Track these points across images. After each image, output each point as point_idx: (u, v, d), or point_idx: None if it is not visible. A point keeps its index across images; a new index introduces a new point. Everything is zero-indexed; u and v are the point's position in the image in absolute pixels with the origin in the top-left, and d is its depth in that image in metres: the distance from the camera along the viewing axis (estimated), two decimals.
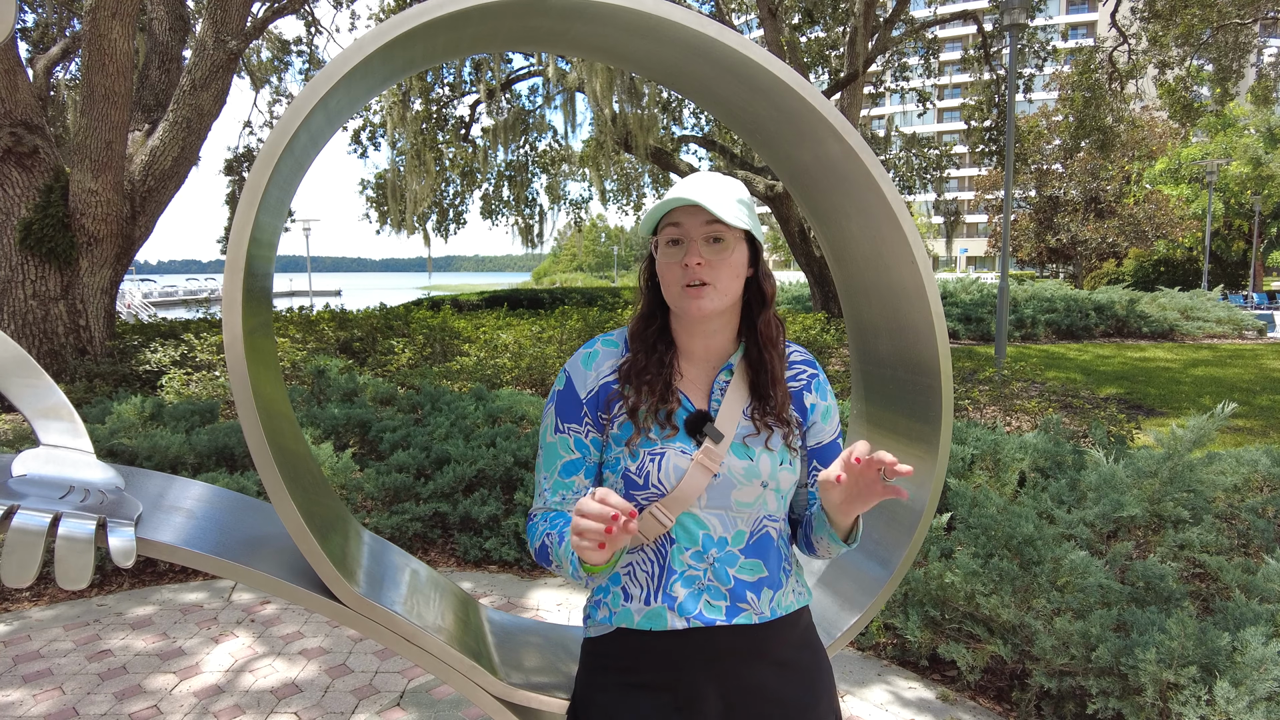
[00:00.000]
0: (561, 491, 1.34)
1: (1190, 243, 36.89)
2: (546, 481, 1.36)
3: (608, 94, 16.22)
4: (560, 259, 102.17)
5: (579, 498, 1.32)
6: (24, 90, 8.20)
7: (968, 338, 17.50)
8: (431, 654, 1.50)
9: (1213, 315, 18.36)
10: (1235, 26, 16.42)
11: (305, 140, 1.44)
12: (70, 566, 1.26)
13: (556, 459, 1.35)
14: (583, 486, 1.34)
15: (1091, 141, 21.30)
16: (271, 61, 17.49)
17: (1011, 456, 4.49)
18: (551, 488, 1.35)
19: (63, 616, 3.89)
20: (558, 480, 1.34)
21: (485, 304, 23.74)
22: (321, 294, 51.77)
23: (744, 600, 1.31)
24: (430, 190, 19.37)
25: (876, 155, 1.64)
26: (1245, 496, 4.05)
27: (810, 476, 1.45)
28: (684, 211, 1.28)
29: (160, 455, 4.85)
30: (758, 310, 1.36)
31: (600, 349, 1.39)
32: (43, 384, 1.48)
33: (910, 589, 3.39)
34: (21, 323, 8.31)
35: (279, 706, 3.10)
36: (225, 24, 8.94)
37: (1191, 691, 2.52)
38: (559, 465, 1.35)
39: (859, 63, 15.84)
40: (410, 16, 1.35)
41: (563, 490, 1.34)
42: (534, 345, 10.06)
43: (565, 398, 1.36)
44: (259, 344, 1.48)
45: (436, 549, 4.71)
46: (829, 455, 1.43)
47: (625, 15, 1.50)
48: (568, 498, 1.33)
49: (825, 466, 1.42)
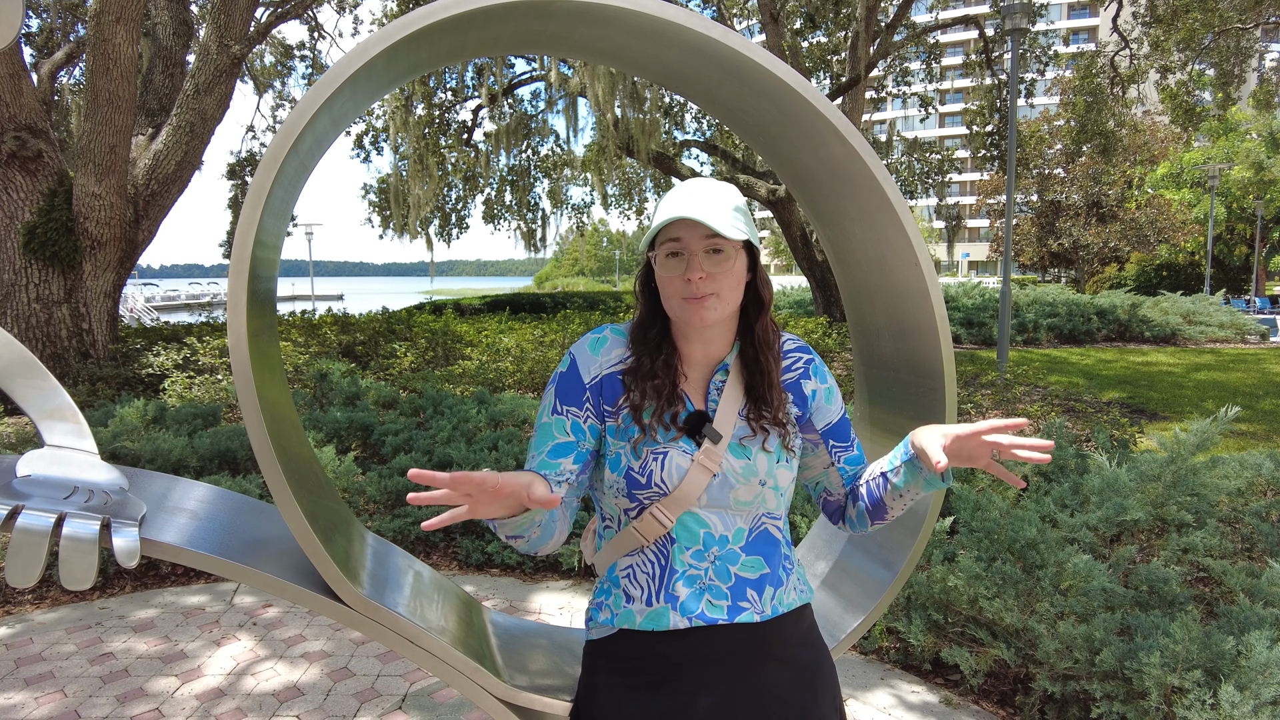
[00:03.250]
0: (546, 471, 1.28)
1: (1192, 247, 36.88)
2: (532, 460, 1.32)
3: (610, 99, 16.25)
4: (562, 263, 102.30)
5: (559, 479, 1.27)
6: (28, 95, 8.23)
7: (970, 342, 17.48)
8: (435, 656, 1.50)
9: (1215, 320, 18.33)
10: (1237, 31, 16.43)
11: (310, 143, 1.45)
12: (74, 567, 1.26)
13: (549, 439, 1.31)
14: (569, 471, 1.29)
15: (1093, 146, 21.32)
16: (275, 66, 17.56)
17: (1014, 460, 4.47)
18: (537, 466, 1.30)
19: (65, 619, 3.89)
20: (544, 460, 1.29)
21: (487, 308, 23.78)
22: (324, 298, 51.78)
23: (745, 598, 1.32)
24: (433, 195, 19.40)
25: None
26: (1249, 500, 4.04)
27: (833, 455, 1.45)
28: (683, 225, 1.27)
29: (163, 459, 4.85)
30: (755, 315, 1.36)
31: (610, 336, 1.38)
32: (48, 385, 1.48)
33: (913, 593, 3.39)
34: (25, 326, 8.32)
35: (281, 709, 3.10)
36: (229, 29, 8.97)
37: (1196, 695, 2.51)
38: (549, 446, 1.30)
39: (861, 67, 15.87)
40: (415, 19, 1.36)
41: (547, 470, 1.28)
42: (536, 349, 10.07)
43: (568, 380, 1.34)
44: (263, 347, 1.48)
45: (439, 552, 4.71)
46: (842, 431, 1.45)
47: (630, 18, 1.50)
48: (550, 478, 1.27)
49: (841, 442, 1.45)
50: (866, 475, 1.42)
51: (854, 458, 1.46)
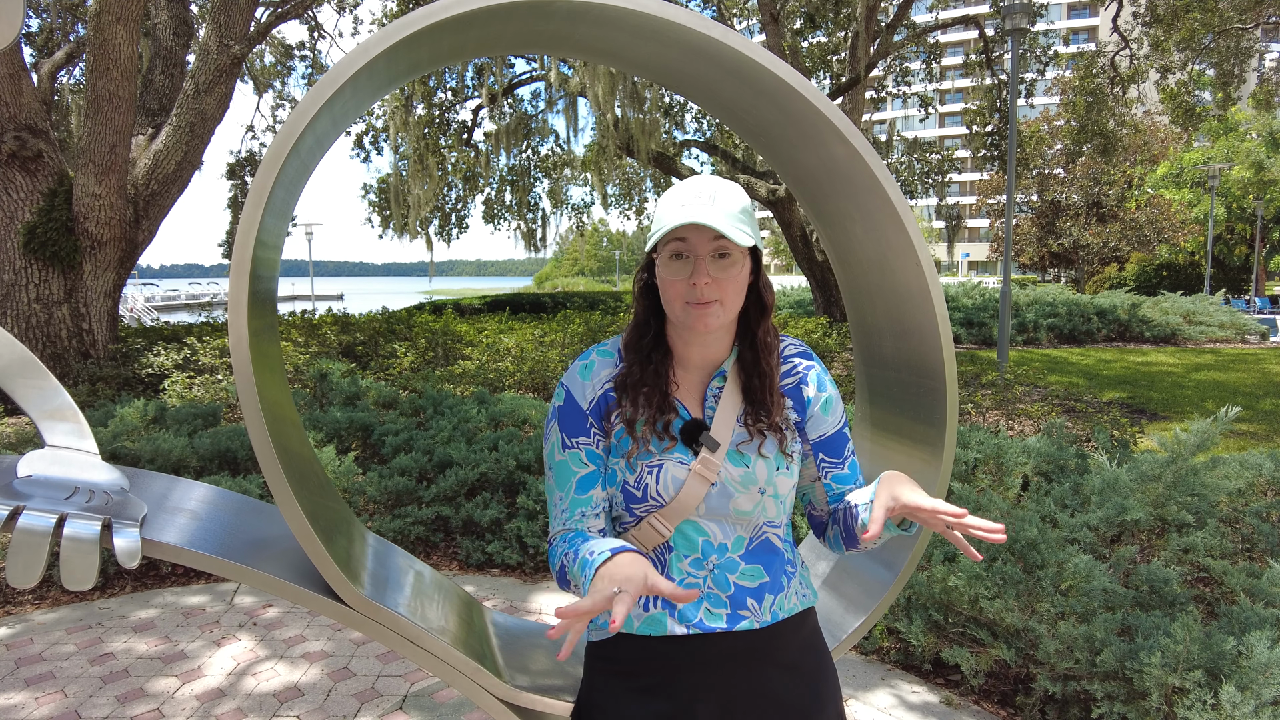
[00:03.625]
0: (580, 509, 1.29)
1: (1192, 247, 36.89)
2: (562, 502, 1.31)
3: (610, 98, 16.25)
4: (562, 263, 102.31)
5: (595, 511, 1.29)
6: (28, 94, 8.23)
7: (970, 342, 17.49)
8: (436, 656, 1.49)
9: (1215, 320, 18.33)
10: (1236, 31, 16.43)
11: (311, 142, 1.45)
12: (76, 567, 1.26)
13: (570, 476, 1.30)
14: (601, 500, 1.30)
15: (1093, 146, 21.33)
16: (274, 66, 17.56)
17: (1015, 460, 4.48)
18: (569, 507, 1.29)
19: (65, 619, 3.89)
20: (574, 499, 1.29)
21: (487, 308, 23.78)
22: (324, 298, 51.73)
23: (744, 606, 1.30)
24: (433, 194, 19.40)
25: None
26: (1249, 501, 4.04)
27: (820, 470, 1.41)
28: (690, 227, 1.23)
29: (163, 459, 4.85)
30: (756, 319, 1.34)
31: (596, 359, 1.36)
32: (49, 386, 1.48)
33: (914, 593, 3.39)
34: (25, 326, 8.32)
35: (281, 710, 3.10)
36: (229, 29, 8.97)
37: (1197, 696, 2.51)
38: (573, 482, 1.30)
39: (861, 67, 15.87)
40: (416, 19, 1.36)
41: (581, 508, 1.29)
42: (536, 349, 10.06)
43: (568, 412, 1.33)
44: (264, 346, 1.48)
45: (439, 553, 4.71)
46: (835, 447, 1.41)
47: (631, 18, 1.50)
48: (587, 514, 1.29)
49: (832, 458, 1.40)
50: (850, 500, 1.38)
51: (843, 476, 1.42)
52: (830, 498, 1.41)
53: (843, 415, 1.43)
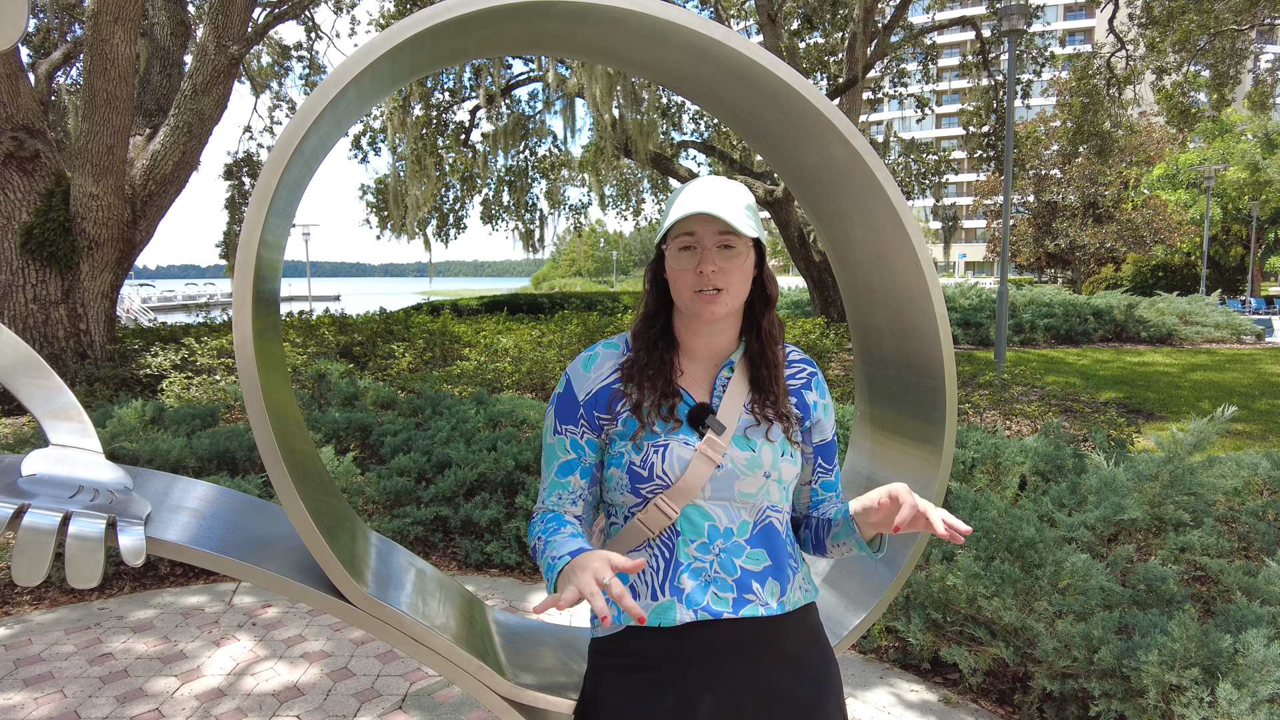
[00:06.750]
0: (558, 491, 1.38)
1: (1188, 248, 36.98)
2: (545, 481, 1.41)
3: (608, 99, 16.25)
4: (560, 264, 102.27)
5: (572, 497, 1.38)
6: (26, 95, 8.22)
7: (967, 342, 17.51)
8: (439, 654, 1.50)
9: (1211, 320, 18.37)
10: (1232, 33, 16.48)
11: (314, 143, 1.46)
12: (81, 565, 1.26)
13: (555, 459, 1.39)
14: (578, 487, 1.38)
15: (1089, 147, 21.35)
16: (272, 66, 17.55)
17: (1012, 460, 4.50)
18: (549, 488, 1.39)
19: (64, 620, 3.89)
20: (554, 480, 1.39)
21: (485, 309, 23.78)
22: (321, 299, 51.59)
23: (750, 591, 1.33)
24: (430, 195, 19.39)
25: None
26: (1245, 500, 4.06)
27: (814, 475, 1.49)
28: (698, 219, 1.31)
29: (161, 459, 4.85)
30: (761, 310, 1.40)
31: (600, 351, 1.43)
32: (52, 385, 1.49)
33: (912, 592, 3.40)
34: (22, 326, 8.31)
35: (280, 710, 3.10)
36: (226, 29, 8.96)
37: (1194, 693, 2.52)
38: (556, 465, 1.39)
39: (858, 68, 15.90)
40: (419, 20, 1.36)
41: (559, 490, 1.38)
42: (534, 349, 10.07)
43: (564, 400, 1.40)
44: (267, 346, 1.49)
45: (438, 553, 4.71)
46: (829, 453, 1.49)
47: (632, 19, 1.51)
48: (564, 497, 1.38)
49: (826, 464, 1.49)
50: (826, 510, 1.48)
51: (829, 483, 1.51)
52: (813, 502, 1.51)
53: (834, 424, 1.52)
